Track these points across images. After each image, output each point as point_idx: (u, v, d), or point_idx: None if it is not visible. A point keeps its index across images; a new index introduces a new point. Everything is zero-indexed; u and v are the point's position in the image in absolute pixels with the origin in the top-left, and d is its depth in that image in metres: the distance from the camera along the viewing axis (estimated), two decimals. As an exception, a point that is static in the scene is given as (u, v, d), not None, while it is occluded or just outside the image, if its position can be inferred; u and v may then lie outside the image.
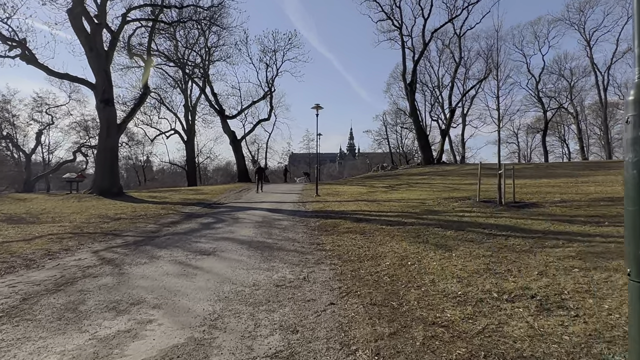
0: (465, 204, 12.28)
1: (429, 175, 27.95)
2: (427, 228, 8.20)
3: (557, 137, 59.73)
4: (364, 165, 76.67)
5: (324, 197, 17.95)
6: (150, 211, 13.97)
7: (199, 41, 37.48)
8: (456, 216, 9.77)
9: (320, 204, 14.67)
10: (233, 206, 15.39)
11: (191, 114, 44.96)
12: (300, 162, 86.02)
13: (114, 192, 20.32)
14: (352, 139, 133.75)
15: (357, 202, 14.80)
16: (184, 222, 10.92)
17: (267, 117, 38.37)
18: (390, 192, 18.89)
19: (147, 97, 23.04)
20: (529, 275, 4.47)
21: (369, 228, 8.71)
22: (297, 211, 12.98)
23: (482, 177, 22.29)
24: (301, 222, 10.37)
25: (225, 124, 35.69)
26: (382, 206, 12.98)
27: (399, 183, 23.79)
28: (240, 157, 36.08)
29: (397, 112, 59.50)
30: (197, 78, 37.78)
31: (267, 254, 6.55)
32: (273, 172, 63.38)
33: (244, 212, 13.19)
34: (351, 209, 12.58)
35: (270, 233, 8.71)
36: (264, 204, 15.53)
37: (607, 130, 46.20)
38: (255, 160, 53.80)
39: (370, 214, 11.29)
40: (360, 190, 20.46)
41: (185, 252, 6.76)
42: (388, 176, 30.83)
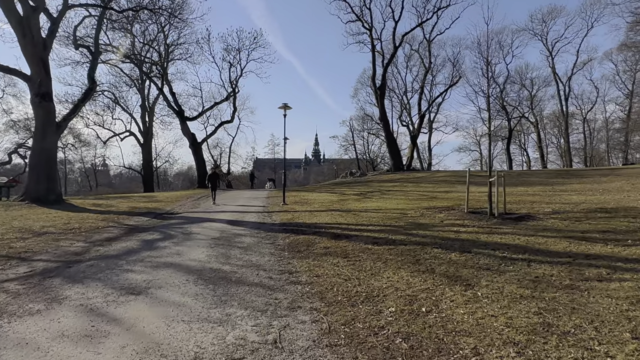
0: (452, 215, 10.97)
1: (400, 182, 26.85)
2: (423, 249, 6.70)
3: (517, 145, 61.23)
4: (331, 171, 75.48)
5: (292, 205, 16.23)
6: (87, 223, 11.73)
7: (157, 38, 34.92)
8: (450, 232, 8.36)
9: (288, 215, 12.95)
10: (187, 217, 13.37)
11: (149, 115, 41.98)
12: (265, 167, 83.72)
13: (50, 200, 17.64)
14: (317, 145, 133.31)
15: (330, 212, 13.19)
16: (122, 239, 8.87)
17: (230, 119, 36.17)
18: (364, 200, 17.45)
19: (93, 93, 20.48)
20: (619, 340, 3.00)
21: (352, 248, 7.10)
22: (262, 224, 11.19)
23: (457, 184, 21.23)
24: (267, 239, 8.62)
25: (184, 125, 33.21)
26: (360, 218, 11.45)
27: (370, 190, 22.45)
28: (201, 161, 33.67)
29: (364, 118, 58.92)
30: (156, 77, 35.15)
31: (221, 290, 4.78)
32: (237, 178, 60.86)
33: (200, 224, 11.24)
34: (325, 221, 10.95)
35: (228, 255, 6.91)
36: (224, 215, 13.61)
37: (568, 138, 47.32)
38: (217, 164, 51.21)
39: (348, 227, 9.70)
40: (330, 198, 18.90)
41: (105, 290, 4.86)
42: (357, 183, 29.53)
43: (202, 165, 34.12)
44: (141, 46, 35.53)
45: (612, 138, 55.13)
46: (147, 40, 34.27)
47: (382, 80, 33.50)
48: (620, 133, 54.14)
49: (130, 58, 33.43)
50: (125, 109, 42.37)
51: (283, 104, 17.05)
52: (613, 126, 54.85)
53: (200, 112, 36.46)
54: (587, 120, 52.29)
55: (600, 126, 55.68)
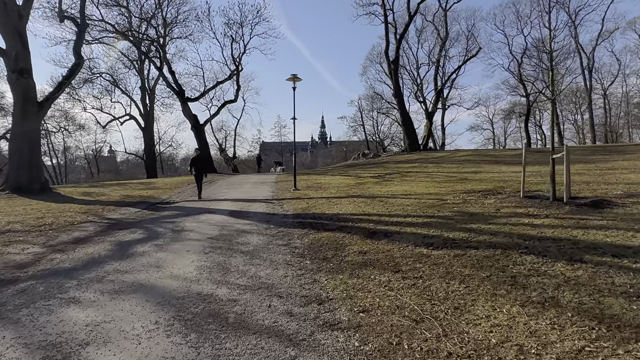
0: (505, 201, 8.86)
1: (418, 162, 24.63)
2: (506, 255, 4.65)
3: (532, 123, 58.21)
4: (339, 154, 73.08)
5: (305, 191, 14.21)
6: (63, 217, 9.82)
7: (155, 15, 32.50)
8: (522, 225, 6.27)
9: (302, 203, 10.93)
10: (184, 207, 11.42)
11: (149, 97, 39.81)
12: (272, 150, 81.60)
13: (34, 189, 15.79)
14: (323, 127, 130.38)
15: (352, 199, 11.14)
16: (93, 241, 6.92)
17: (234, 98, 33.83)
18: (385, 183, 15.37)
19: (80, 69, 18.37)
20: None
21: (401, 253, 5.07)
22: (271, 215, 9.18)
23: (484, 164, 19.00)
24: (279, 238, 6.62)
25: (185, 106, 31.05)
26: (390, 206, 9.39)
27: (388, 172, 20.32)
28: (204, 144, 31.58)
29: (374, 97, 56.13)
30: (155, 57, 32.87)
31: (209, 349, 2.80)
32: (243, 162, 58.90)
33: (196, 217, 9.26)
34: (349, 211, 8.91)
35: (226, 267, 4.92)
36: (227, 204, 11.63)
37: (592, 114, 44.45)
38: (223, 148, 49.04)
39: (381, 220, 7.65)
40: (347, 182, 16.83)
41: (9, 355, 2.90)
42: (372, 164, 27.36)
43: (206, 148, 32.08)
44: (138, 23, 33.22)
45: (631, 113, 52.04)
46: (144, 16, 31.92)
47: (396, 53, 30.89)
48: (639, 108, 51.05)
49: (126, 36, 31.14)
50: (125, 92, 40.29)
51: (292, 75, 14.83)
52: (633, 100, 51.73)
53: (202, 92, 34.22)
54: (606, 95, 49.12)
55: (617, 101, 52.49)
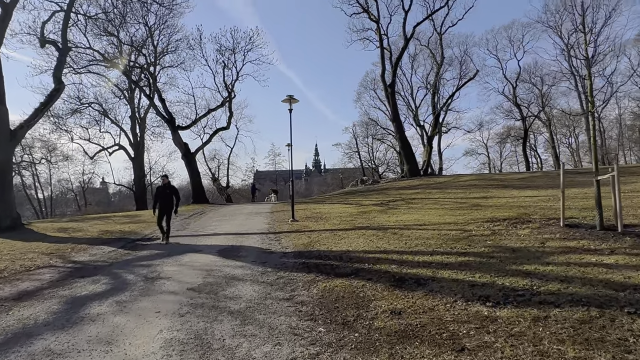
0: (543, 231, 7.50)
1: (421, 188, 23.35)
2: (607, 315, 3.24)
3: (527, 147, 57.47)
4: (335, 181, 71.84)
5: (305, 222, 12.77)
6: (22, 260, 8.28)
7: (146, 44, 31.77)
8: (590, 265, 4.88)
9: (303, 237, 9.48)
10: (167, 244, 9.91)
11: (139, 126, 38.65)
12: (266, 179, 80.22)
13: (3, 226, 14.21)
14: (317, 155, 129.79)
15: (360, 231, 9.72)
16: (40, 297, 5.37)
17: (227, 125, 32.62)
18: (391, 212, 14.00)
19: (59, 95, 17.14)
20: None
21: (452, 315, 3.63)
22: (268, 254, 7.71)
23: (492, 189, 17.78)
24: (280, 288, 5.15)
25: (176, 135, 29.79)
26: (407, 239, 7.97)
27: (391, 199, 18.98)
28: (195, 173, 30.12)
29: (369, 123, 55.66)
30: (145, 86, 31.91)
31: None
32: (236, 191, 57.35)
33: (178, 258, 7.75)
34: (360, 247, 7.48)
35: (207, 344, 3.43)
36: (217, 239, 10.13)
37: (589, 136, 43.85)
38: (215, 177, 47.54)
39: (402, 259, 6.22)
40: (349, 211, 15.42)
41: None
42: (372, 191, 26.02)
43: (197, 177, 30.62)
44: (129, 52, 32.46)
45: (624, 135, 51.78)
46: (135, 45, 31.14)
47: (392, 76, 30.16)
48: (632, 130, 50.77)
49: (116, 65, 30.24)
50: (114, 121, 39.03)
51: (288, 96, 13.68)
52: (625, 123, 51.61)
53: (193, 120, 33.03)
54: (600, 118, 48.72)
55: (611, 123, 52.26)
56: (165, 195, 10.59)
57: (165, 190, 10.63)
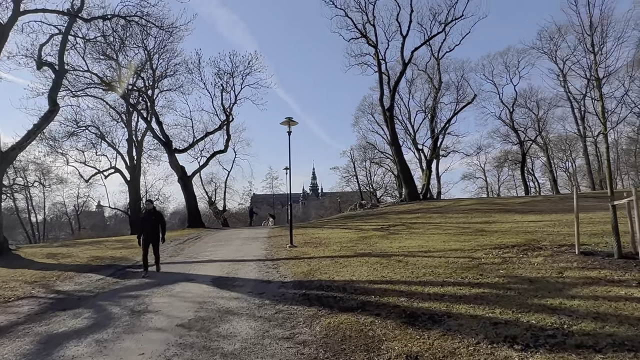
0: (558, 259, 7.08)
1: (422, 213, 22.93)
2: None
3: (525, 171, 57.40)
4: (332, 205, 71.31)
5: (304, 248, 12.28)
6: (1, 290, 7.74)
7: (145, 68, 31.89)
8: (621, 300, 4.44)
9: (303, 265, 8.99)
10: (158, 272, 9.38)
11: (136, 149, 38.37)
12: (263, 203, 79.63)
13: (-11, 251, 13.64)
14: (314, 179, 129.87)
15: (362, 258, 9.25)
16: (13, 333, 4.84)
17: (224, 148, 32.38)
18: (393, 237, 13.54)
19: (53, 117, 16.89)
20: None
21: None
22: (266, 283, 7.21)
23: (494, 213, 17.43)
24: (279, 325, 4.66)
25: (172, 157, 29.48)
26: (414, 268, 7.51)
27: (391, 224, 18.52)
28: (191, 197, 29.65)
29: (366, 147, 55.71)
30: (143, 110, 31.81)
31: None
32: (233, 215, 56.68)
33: (169, 288, 7.24)
34: (365, 277, 7.00)
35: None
36: (211, 267, 9.62)
37: (588, 160, 43.96)
38: (212, 201, 46.91)
39: (412, 290, 5.75)
40: (349, 236, 14.94)
41: None
42: (371, 215, 25.57)
43: (193, 200, 30.13)
44: (127, 75, 32.54)
45: (620, 159, 51.96)
46: (134, 68, 31.22)
47: (390, 100, 30.22)
48: (628, 155, 50.96)
49: (114, 88, 30.21)
50: (111, 144, 38.72)
51: (287, 119, 13.43)
52: (620, 147, 51.89)
53: (191, 144, 32.84)
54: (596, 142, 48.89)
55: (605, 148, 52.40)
56: (151, 222, 9.48)
57: (151, 216, 9.54)
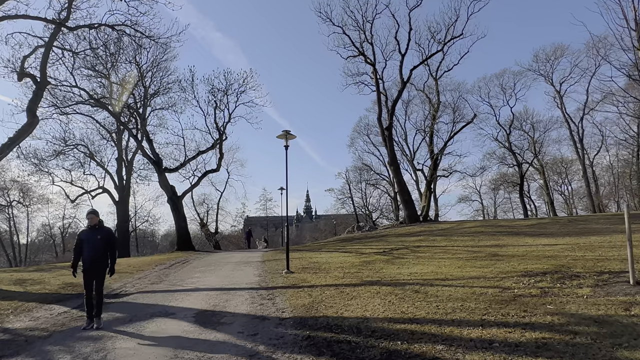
0: (609, 291, 5.91)
1: (424, 235, 21.72)
2: None
3: (518, 194, 56.58)
4: (327, 227, 69.90)
5: (302, 274, 10.98)
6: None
7: (137, 86, 30.97)
8: None
9: (303, 295, 7.70)
10: (134, 303, 8.04)
11: (126, 168, 37.03)
12: (257, 225, 77.92)
13: (-52, 277, 12.11)
14: (309, 201, 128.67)
15: (371, 287, 7.98)
16: None
17: (216, 167, 31.13)
18: (399, 262, 12.31)
19: (32, 130, 15.65)
20: None
21: None
22: (260, 320, 5.92)
23: (502, 236, 16.59)
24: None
25: (162, 177, 28.19)
26: (436, 301, 6.29)
27: (393, 247, 17.26)
28: (181, 218, 28.20)
29: (362, 169, 54.82)
30: (134, 129, 30.67)
31: None
32: (226, 237, 54.97)
33: (141, 326, 5.92)
34: (380, 313, 5.75)
35: None
36: (195, 298, 8.28)
37: (587, 182, 43.27)
38: (204, 223, 45.27)
39: (445, 333, 4.52)
40: (350, 260, 13.67)
41: None
42: (370, 238, 24.26)
43: (183, 222, 28.67)
44: (118, 94, 31.61)
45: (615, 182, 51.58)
46: (125, 85, 30.25)
47: (389, 119, 29.38)
48: (622, 177, 50.58)
49: (105, 106, 29.15)
50: (100, 164, 37.30)
51: (284, 132, 12.35)
52: (615, 170, 51.59)
53: (182, 163, 31.58)
54: (593, 165, 48.39)
55: (602, 171, 52.14)
56: (95, 243, 6.37)
57: (95, 235, 6.42)
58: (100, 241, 6.42)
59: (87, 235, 6.46)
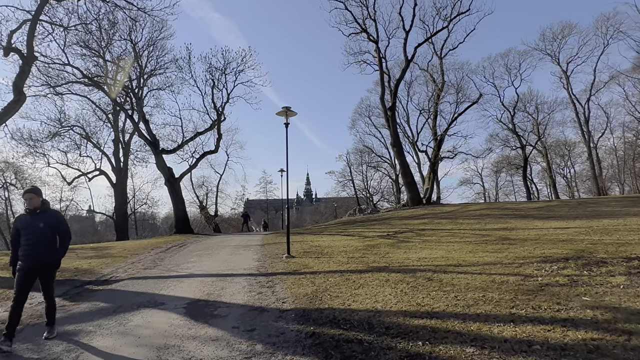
0: None
1: (428, 218, 21.12)
2: None
3: (521, 176, 55.76)
4: (328, 210, 69.49)
5: (303, 259, 10.38)
6: None
7: (133, 66, 29.92)
8: None
9: (305, 282, 7.09)
10: (122, 291, 7.41)
11: (123, 150, 36.26)
12: (257, 208, 77.49)
13: None
14: (308, 184, 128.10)
15: (378, 274, 7.36)
16: None
17: (215, 148, 30.34)
18: (405, 246, 11.72)
19: (18, 107, 14.88)
20: None
21: None
22: (259, 312, 5.30)
23: (509, 219, 16.04)
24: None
25: (159, 158, 27.43)
26: (452, 290, 5.66)
27: (397, 230, 16.67)
28: (179, 201, 27.56)
29: (363, 151, 53.98)
30: (130, 109, 29.75)
31: None
32: (225, 220, 54.53)
33: (126, 318, 5.31)
34: (393, 305, 5.11)
35: None
36: (189, 285, 7.68)
37: (592, 165, 42.51)
38: (203, 206, 44.68)
39: (473, 330, 3.88)
40: (353, 244, 13.08)
41: None
42: (373, 221, 23.68)
43: (181, 205, 28.04)
44: (114, 74, 30.64)
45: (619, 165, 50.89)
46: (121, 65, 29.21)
47: (392, 99, 28.47)
48: (626, 160, 49.85)
49: (100, 86, 28.26)
50: (96, 145, 36.44)
51: (284, 108, 11.56)
52: (618, 153, 50.83)
53: (180, 144, 30.79)
54: (597, 147, 47.54)
55: (604, 153, 51.35)
56: (35, 232, 4.77)
57: (36, 222, 4.80)
58: (44, 230, 4.78)
59: (25, 223, 4.83)
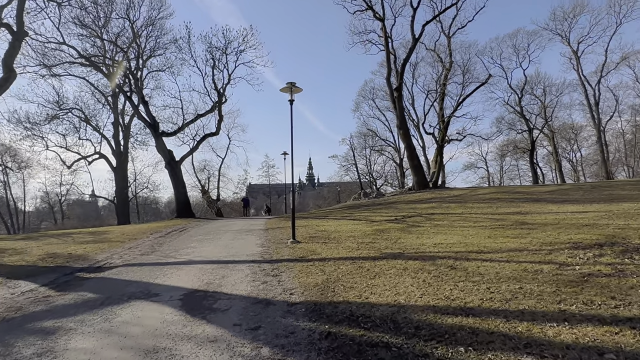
0: None
1: (436, 202, 20.43)
2: None
3: (526, 160, 54.89)
4: (331, 195, 68.81)
5: (310, 244, 9.74)
6: None
7: (132, 46, 28.94)
8: None
9: (314, 270, 6.45)
10: (115, 279, 6.79)
11: (123, 133, 35.51)
12: (259, 192, 76.97)
13: None
14: (311, 169, 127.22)
15: (393, 262, 6.71)
16: None
17: (216, 130, 29.58)
18: (415, 231, 11.06)
19: (9, 84, 14.08)
20: None
21: None
22: (264, 306, 4.67)
23: (521, 202, 15.40)
24: None
25: (159, 141, 26.68)
26: (481, 281, 5.01)
27: (406, 215, 16.00)
28: (180, 184, 26.91)
29: (366, 135, 53.06)
30: (129, 91, 28.88)
31: None
32: (228, 205, 54.01)
33: (113, 312, 4.68)
34: (418, 299, 4.46)
35: None
36: (188, 271, 7.05)
37: (602, 148, 41.52)
38: (205, 190, 44.06)
39: (523, 332, 3.22)
40: (361, 229, 12.44)
41: None
42: (379, 205, 23.00)
43: (182, 188, 27.40)
44: (112, 54, 29.72)
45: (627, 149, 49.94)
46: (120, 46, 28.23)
47: (399, 79, 27.43)
48: (632, 144, 48.85)
49: (98, 67, 27.43)
50: (96, 128, 35.64)
51: (288, 84, 10.76)
52: (627, 136, 49.84)
53: (180, 126, 29.95)
54: (605, 131, 46.43)
55: (611, 137, 50.28)
56: None
57: None
58: None
59: None
